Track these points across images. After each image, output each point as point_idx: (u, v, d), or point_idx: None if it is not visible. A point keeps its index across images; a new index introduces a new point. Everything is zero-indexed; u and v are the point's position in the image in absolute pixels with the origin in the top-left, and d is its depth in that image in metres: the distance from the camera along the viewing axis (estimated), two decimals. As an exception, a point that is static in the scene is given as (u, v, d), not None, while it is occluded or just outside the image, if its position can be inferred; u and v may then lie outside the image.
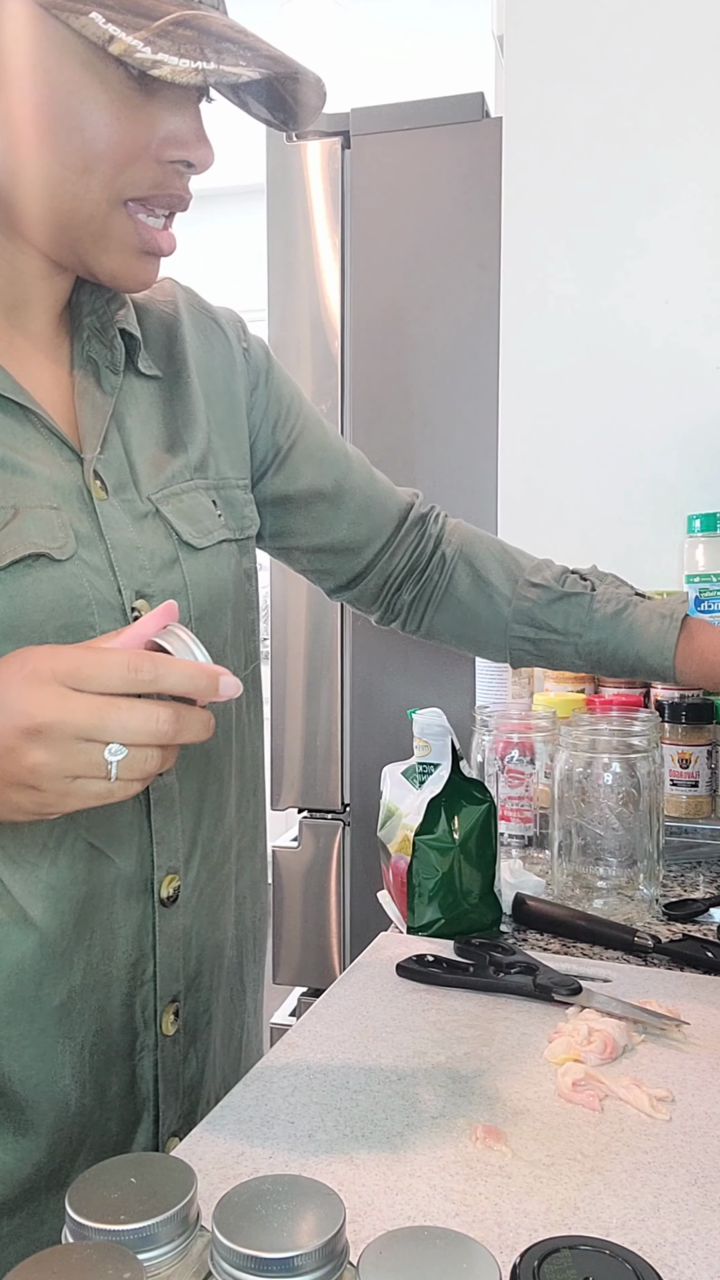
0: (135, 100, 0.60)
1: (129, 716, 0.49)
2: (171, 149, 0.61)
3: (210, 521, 0.74)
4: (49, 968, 0.62)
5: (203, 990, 0.73)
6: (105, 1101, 0.66)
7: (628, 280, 1.59)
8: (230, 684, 0.51)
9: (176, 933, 0.69)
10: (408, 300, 1.83)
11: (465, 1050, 0.70)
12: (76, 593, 0.62)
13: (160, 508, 0.70)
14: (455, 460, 1.82)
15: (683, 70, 1.54)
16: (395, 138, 1.82)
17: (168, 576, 0.68)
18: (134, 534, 0.67)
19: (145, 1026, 0.68)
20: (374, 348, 1.86)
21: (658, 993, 0.78)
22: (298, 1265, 0.34)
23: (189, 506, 0.72)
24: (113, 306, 0.72)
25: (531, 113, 1.63)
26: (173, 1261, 0.37)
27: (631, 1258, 0.39)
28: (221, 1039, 0.77)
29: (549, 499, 1.65)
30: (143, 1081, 0.68)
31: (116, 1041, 0.66)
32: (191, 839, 0.71)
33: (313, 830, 1.97)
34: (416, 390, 1.84)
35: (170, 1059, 0.70)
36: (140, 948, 0.67)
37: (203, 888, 0.72)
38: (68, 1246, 0.36)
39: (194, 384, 0.77)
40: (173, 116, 0.61)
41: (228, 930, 0.76)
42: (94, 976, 0.64)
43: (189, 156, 0.62)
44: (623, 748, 0.97)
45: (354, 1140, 0.59)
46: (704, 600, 1.39)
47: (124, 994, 0.66)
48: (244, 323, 0.86)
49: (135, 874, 0.66)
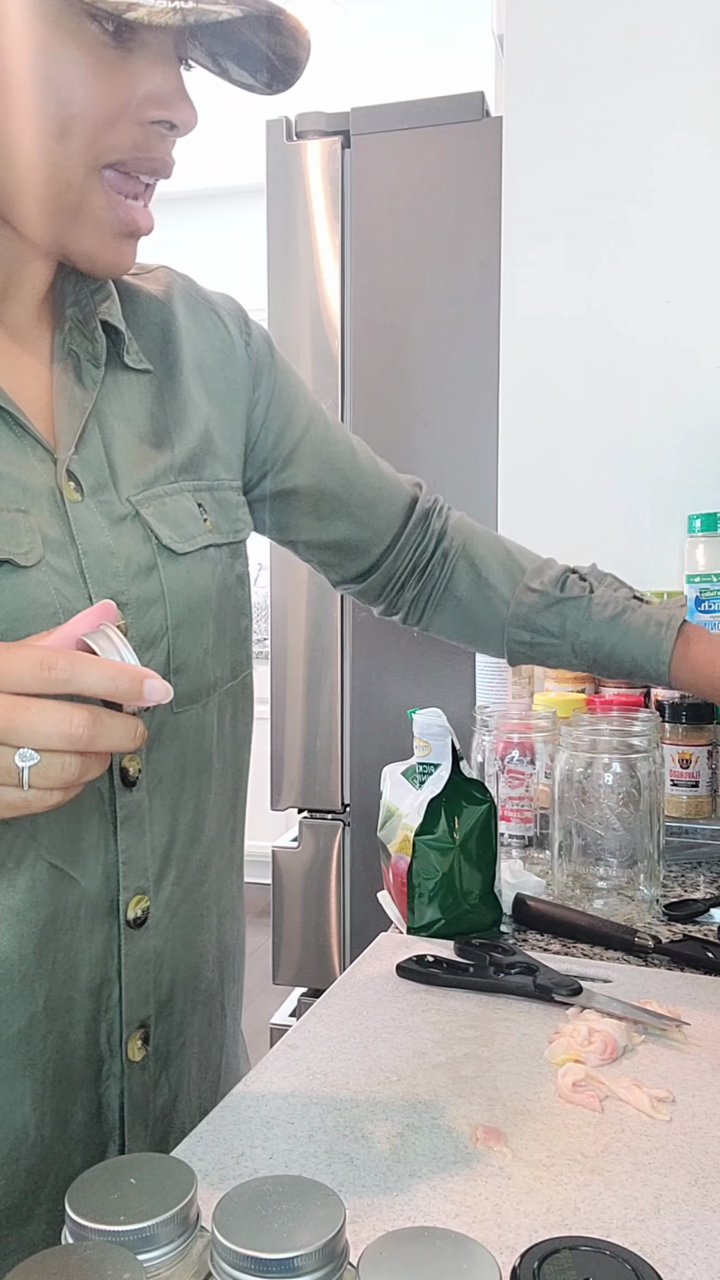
0: (111, 58, 0.56)
1: (38, 718, 0.46)
2: (152, 109, 0.58)
3: (194, 526, 0.69)
4: (8, 994, 0.59)
5: (176, 1014, 0.69)
6: (68, 1133, 0.62)
7: (628, 280, 1.59)
8: (157, 688, 0.48)
9: (146, 955, 0.65)
10: (408, 300, 1.83)
11: (465, 1051, 0.70)
12: (42, 601, 0.58)
13: (140, 510, 0.66)
14: (455, 459, 1.82)
15: (683, 69, 1.54)
16: (395, 137, 1.82)
17: (144, 584, 0.64)
18: (109, 538, 0.63)
19: (111, 1054, 0.64)
20: (374, 347, 1.86)
21: (658, 993, 0.78)
22: (298, 1266, 0.34)
23: (171, 509, 0.68)
24: (97, 297, 0.68)
25: (532, 112, 1.63)
26: (173, 1262, 0.37)
27: (632, 1258, 0.39)
28: (198, 1064, 0.73)
29: (549, 498, 1.65)
30: (109, 1110, 0.64)
31: (80, 1070, 0.62)
32: (164, 857, 0.66)
33: (313, 830, 1.97)
34: (416, 389, 1.84)
35: (138, 1086, 0.66)
36: (104, 971, 0.63)
37: (176, 908, 0.68)
38: (67, 1247, 0.36)
39: (188, 379, 0.74)
40: (152, 75, 0.58)
41: (206, 951, 0.72)
42: (55, 1002, 0.61)
43: (170, 116, 0.59)
44: (623, 748, 0.97)
45: (354, 1141, 0.59)
46: (704, 600, 1.39)
47: (87, 1019, 0.63)
48: (245, 312, 0.82)
49: (100, 895, 0.62)
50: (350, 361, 1.87)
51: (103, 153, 0.58)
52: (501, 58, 1.71)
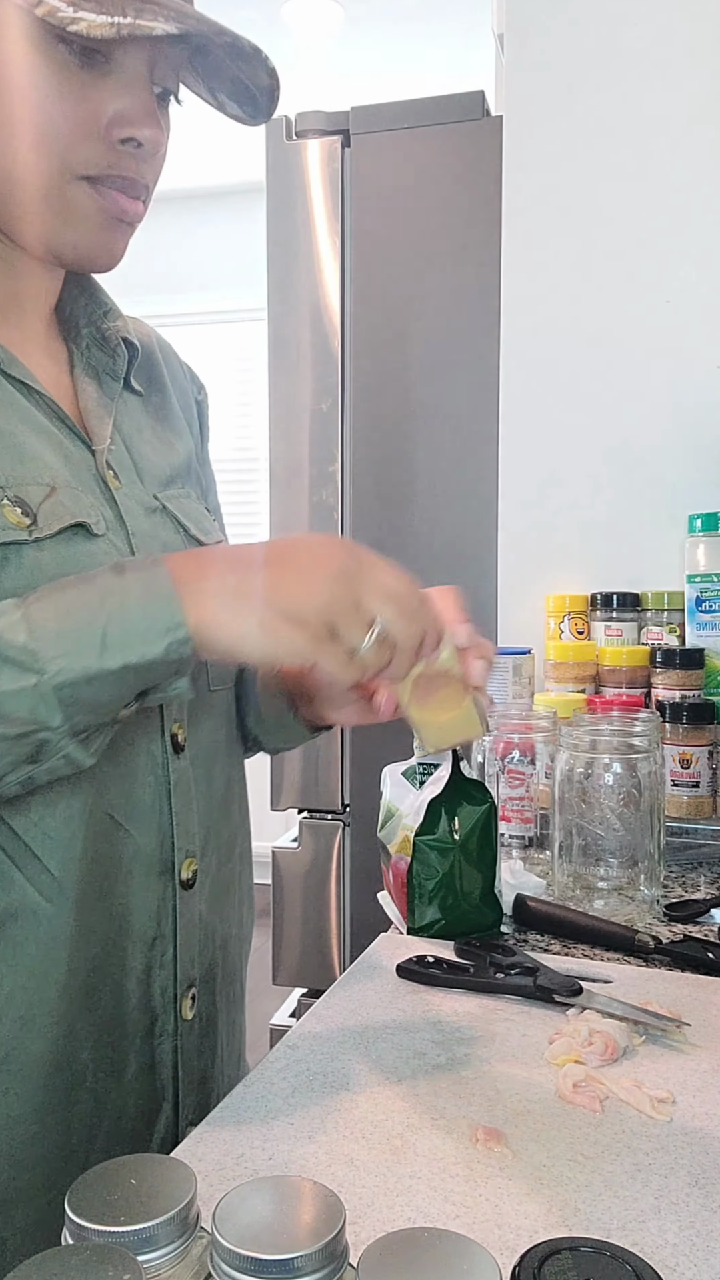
0: (83, 78, 0.61)
1: (402, 617, 0.56)
2: (118, 127, 0.62)
3: (208, 523, 0.77)
4: (72, 937, 0.62)
5: (216, 981, 0.74)
6: (122, 1083, 0.66)
7: (628, 279, 1.59)
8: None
9: (194, 917, 0.70)
10: (408, 300, 1.83)
11: (465, 1051, 0.69)
12: None
13: (166, 504, 0.73)
14: (455, 459, 1.82)
15: (683, 68, 1.54)
16: (395, 136, 1.82)
17: None
18: (147, 524, 0.70)
19: (164, 1010, 0.68)
20: (374, 347, 1.86)
21: (658, 994, 0.78)
22: (297, 1267, 0.34)
23: (188, 508, 0.76)
24: (109, 319, 0.74)
25: (532, 111, 1.63)
26: (173, 1263, 0.37)
27: (632, 1259, 0.39)
28: (227, 1035, 0.77)
29: (549, 498, 1.65)
30: (162, 1066, 0.69)
31: (134, 1021, 0.67)
32: (206, 826, 0.72)
33: (313, 830, 1.96)
34: (417, 389, 1.84)
35: (189, 1045, 0.70)
36: (159, 927, 0.68)
37: (214, 876, 0.73)
38: (67, 1248, 0.36)
39: (175, 406, 0.81)
40: (122, 96, 0.62)
41: (232, 927, 0.77)
42: (111, 950, 0.65)
43: (135, 134, 0.63)
44: (624, 748, 0.97)
45: (354, 1141, 0.59)
46: (704, 600, 1.39)
47: (140, 972, 0.67)
48: (199, 378, 0.90)
49: (155, 852, 0.67)
50: (350, 361, 1.87)
51: (75, 166, 0.63)
52: (501, 57, 1.71)
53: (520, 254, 1.65)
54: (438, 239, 1.80)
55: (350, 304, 1.86)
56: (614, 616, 1.50)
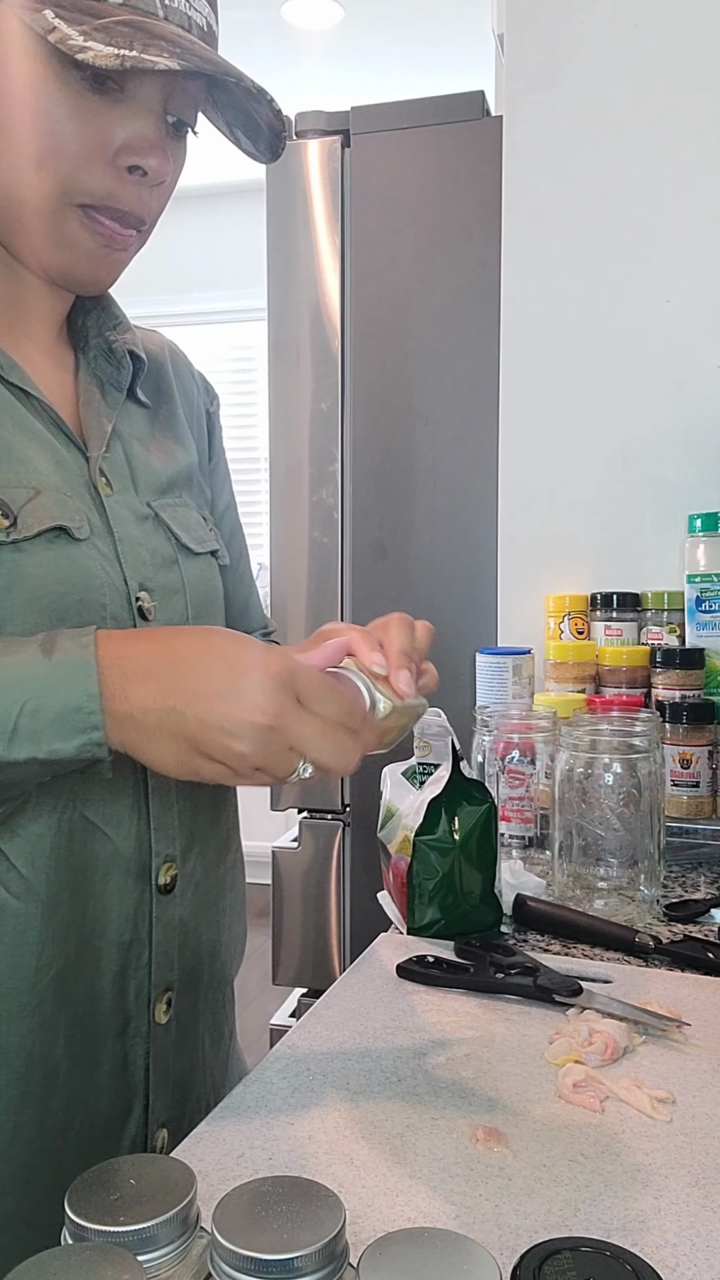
0: (94, 104, 0.62)
1: (334, 745, 0.55)
2: (124, 154, 0.63)
3: (202, 532, 0.78)
4: (49, 935, 0.63)
5: (198, 985, 0.74)
6: (94, 1080, 0.66)
7: (628, 279, 1.59)
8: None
9: (173, 922, 0.70)
10: (408, 299, 1.83)
11: (465, 1051, 0.69)
12: (92, 573, 0.65)
13: (159, 513, 0.73)
14: (455, 459, 1.82)
15: (683, 68, 1.54)
16: (395, 136, 1.82)
17: (167, 575, 0.72)
18: (137, 531, 0.70)
19: (138, 1012, 0.68)
20: (374, 347, 1.86)
21: (658, 994, 0.78)
22: (297, 1267, 0.34)
23: (183, 516, 0.76)
24: (118, 331, 0.75)
25: (532, 112, 1.63)
26: (173, 1263, 0.37)
27: (632, 1259, 0.39)
28: (210, 1040, 0.77)
29: (549, 498, 1.65)
30: (134, 1067, 0.69)
31: (106, 1021, 0.67)
32: (189, 831, 0.72)
33: (313, 831, 1.96)
34: (417, 389, 1.84)
35: (161, 1048, 0.70)
36: (135, 930, 0.68)
37: (199, 883, 0.73)
38: (67, 1248, 0.36)
39: (181, 418, 0.82)
40: (131, 124, 0.63)
41: (220, 933, 0.77)
42: (87, 950, 0.65)
43: (141, 162, 0.64)
44: (624, 748, 0.97)
45: (354, 1142, 0.59)
46: (704, 600, 1.39)
47: (115, 973, 0.67)
48: (213, 389, 0.90)
49: (132, 855, 0.67)
50: (350, 361, 1.87)
51: (74, 191, 0.64)
52: (501, 57, 1.71)
53: (520, 254, 1.65)
54: (438, 239, 1.80)
55: (350, 304, 1.86)
56: (614, 616, 1.50)
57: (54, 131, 0.62)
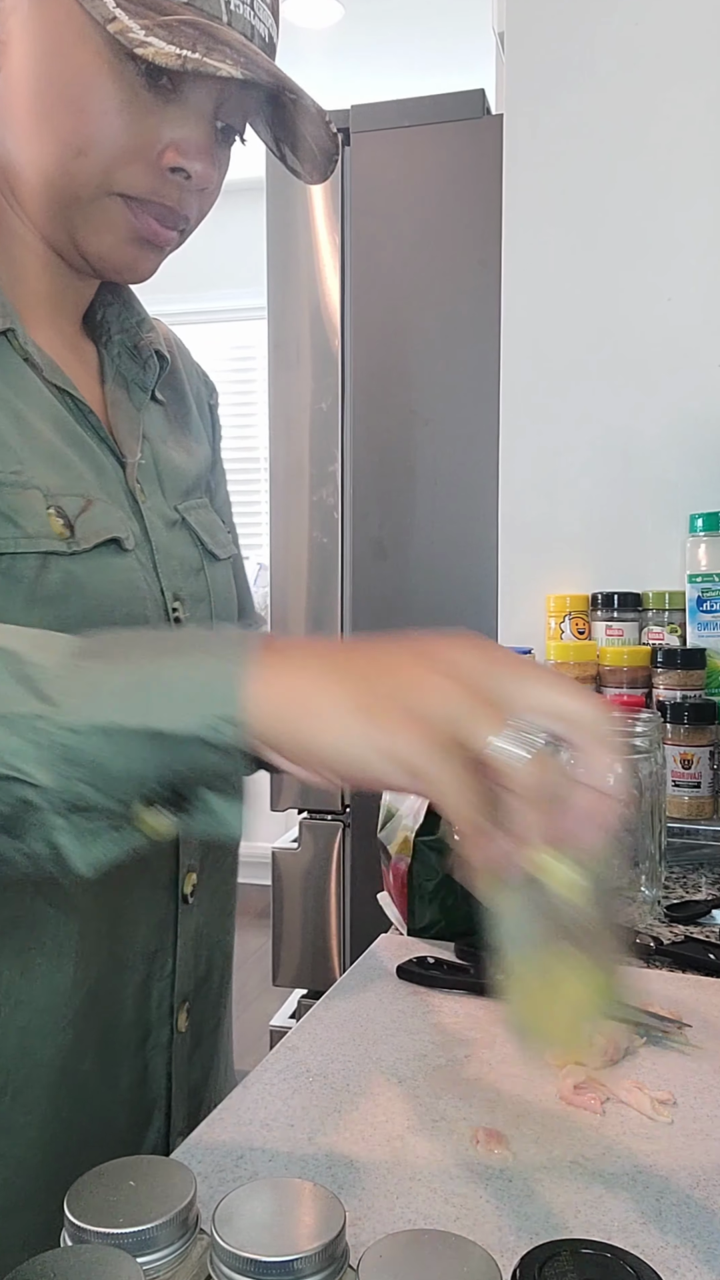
0: (145, 100, 0.60)
1: (578, 726, 0.43)
2: (171, 154, 0.62)
3: (223, 536, 0.78)
4: (85, 948, 0.62)
5: (209, 993, 0.74)
6: (117, 1094, 0.66)
7: (629, 278, 1.59)
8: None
9: (191, 930, 0.70)
10: (408, 299, 1.83)
11: (466, 1053, 0.69)
12: (135, 585, 0.64)
13: (186, 517, 0.73)
14: (455, 459, 1.82)
15: (684, 67, 1.54)
16: (395, 135, 1.82)
17: (195, 582, 0.71)
18: (168, 539, 0.70)
19: (159, 1023, 0.68)
20: (374, 347, 1.86)
21: (659, 995, 0.78)
22: (297, 1269, 0.34)
23: (207, 521, 0.76)
24: (143, 327, 0.74)
25: (532, 110, 1.63)
26: (172, 1265, 0.37)
27: (633, 1261, 0.39)
28: (222, 1047, 0.78)
29: (549, 498, 1.64)
30: (154, 1079, 0.69)
31: (129, 1033, 0.67)
32: (204, 840, 0.71)
33: (312, 831, 1.96)
34: (416, 389, 1.84)
35: (180, 1057, 0.70)
36: (160, 940, 0.67)
37: (214, 891, 0.73)
38: (66, 1250, 0.36)
39: (194, 414, 0.81)
40: (181, 126, 0.62)
41: (227, 938, 0.78)
42: (115, 961, 0.65)
43: (186, 165, 0.62)
44: (624, 748, 0.97)
45: (354, 1143, 0.58)
46: (705, 600, 1.39)
47: (139, 983, 0.67)
48: (212, 381, 0.89)
49: (160, 865, 0.67)
50: (350, 361, 1.87)
51: (114, 183, 0.62)
52: (502, 56, 1.71)
53: (520, 253, 1.65)
54: (438, 238, 1.80)
55: (350, 304, 1.86)
56: (615, 616, 1.50)
57: (101, 122, 0.60)
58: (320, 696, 0.41)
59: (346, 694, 0.41)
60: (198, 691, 0.42)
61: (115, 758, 0.42)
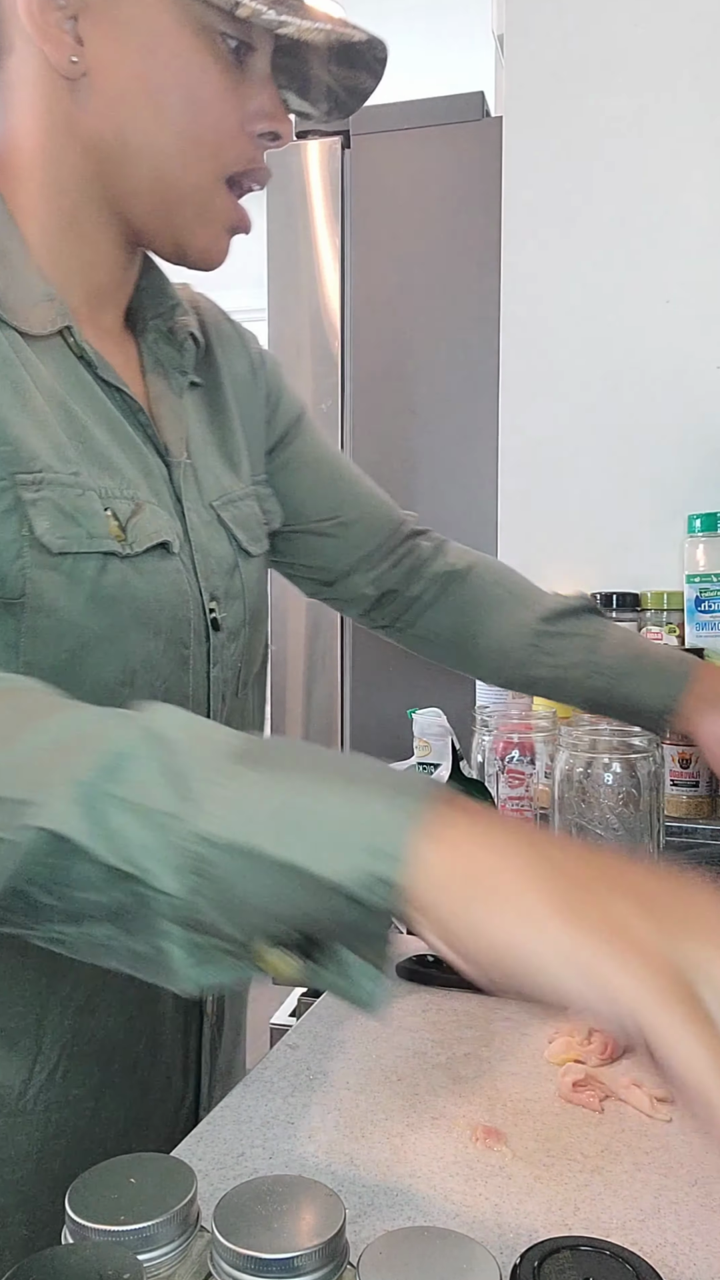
0: (235, 75, 0.62)
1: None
2: (261, 121, 0.64)
3: (259, 530, 0.77)
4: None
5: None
6: (162, 1074, 0.68)
7: (628, 279, 1.59)
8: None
9: None
10: (408, 300, 1.83)
11: (465, 1051, 0.69)
12: (180, 586, 0.65)
13: (220, 514, 0.72)
14: (455, 460, 1.82)
15: (684, 69, 1.54)
16: (395, 137, 1.82)
17: (230, 581, 0.71)
18: (206, 538, 0.70)
19: (195, 1005, 0.70)
20: (374, 347, 1.86)
21: (658, 993, 0.78)
22: (298, 1266, 0.34)
23: (244, 515, 0.75)
24: (177, 311, 0.73)
25: (532, 112, 1.63)
26: (173, 1262, 0.37)
27: (632, 1258, 0.39)
28: (241, 1033, 0.80)
29: (549, 498, 1.65)
30: (191, 1061, 0.71)
31: (171, 1015, 0.68)
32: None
33: (313, 830, 1.96)
34: (416, 390, 1.84)
35: (212, 1042, 0.73)
36: None
37: None
38: (67, 1247, 0.36)
39: (229, 394, 0.79)
40: (261, 92, 0.64)
41: None
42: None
43: (275, 128, 0.64)
44: (623, 748, 0.97)
45: (354, 1141, 0.59)
46: (704, 600, 1.39)
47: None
48: (255, 337, 0.87)
49: None
50: (350, 361, 1.87)
51: (228, 164, 0.64)
52: (501, 57, 1.71)
53: (520, 254, 1.65)
54: (438, 239, 1.80)
55: (350, 304, 1.86)
56: (614, 616, 1.50)
57: (206, 109, 0.61)
58: (512, 879, 0.34)
59: (548, 884, 0.33)
60: (358, 838, 0.35)
61: (248, 884, 0.36)
